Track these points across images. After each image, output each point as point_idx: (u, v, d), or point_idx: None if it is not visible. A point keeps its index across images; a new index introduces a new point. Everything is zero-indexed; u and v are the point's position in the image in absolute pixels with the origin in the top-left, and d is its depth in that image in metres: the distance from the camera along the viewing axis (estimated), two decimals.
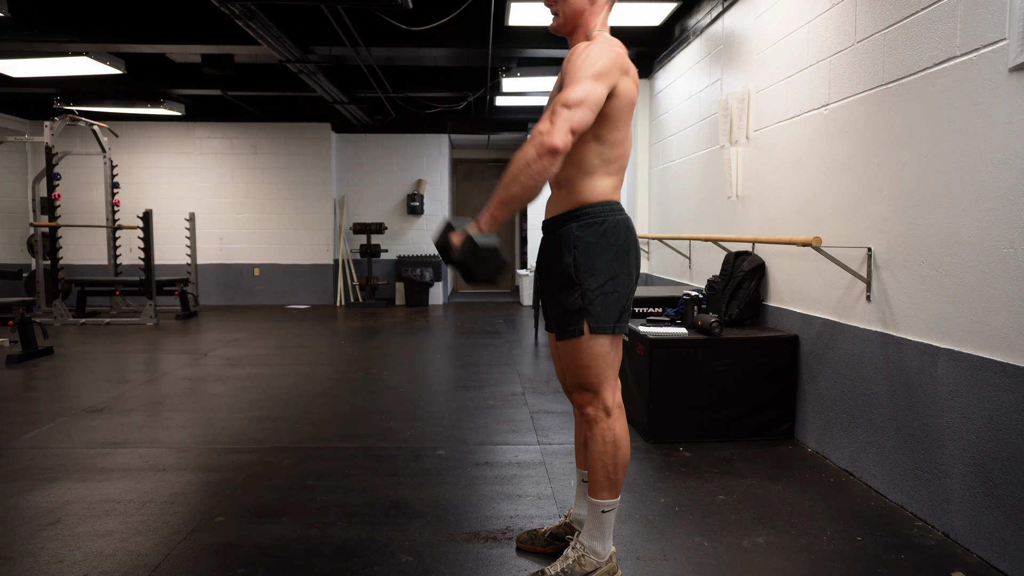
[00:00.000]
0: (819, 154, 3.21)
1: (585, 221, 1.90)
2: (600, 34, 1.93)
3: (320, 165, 9.68)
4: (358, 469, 3.01)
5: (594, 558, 1.98)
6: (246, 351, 5.99)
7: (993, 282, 2.14)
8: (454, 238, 1.80)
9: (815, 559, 2.20)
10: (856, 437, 2.90)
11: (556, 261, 1.93)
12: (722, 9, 4.44)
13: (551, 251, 1.97)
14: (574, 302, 1.90)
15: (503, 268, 1.79)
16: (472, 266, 1.76)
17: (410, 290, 9.77)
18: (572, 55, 1.83)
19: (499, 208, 1.76)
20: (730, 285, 3.89)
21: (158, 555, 2.21)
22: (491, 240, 1.76)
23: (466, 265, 1.76)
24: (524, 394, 4.39)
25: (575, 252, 1.89)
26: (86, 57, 5.98)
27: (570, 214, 1.92)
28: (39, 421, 3.75)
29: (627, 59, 1.88)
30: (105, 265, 8.95)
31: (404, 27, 5.38)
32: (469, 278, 1.79)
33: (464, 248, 1.76)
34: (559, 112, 1.71)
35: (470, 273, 1.78)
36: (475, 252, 1.75)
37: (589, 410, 1.96)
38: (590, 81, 1.76)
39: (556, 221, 1.96)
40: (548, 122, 1.71)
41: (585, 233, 1.89)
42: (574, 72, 1.78)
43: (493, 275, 1.78)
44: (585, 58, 1.79)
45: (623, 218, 1.94)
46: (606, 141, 1.88)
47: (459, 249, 1.76)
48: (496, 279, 1.81)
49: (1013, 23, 2.03)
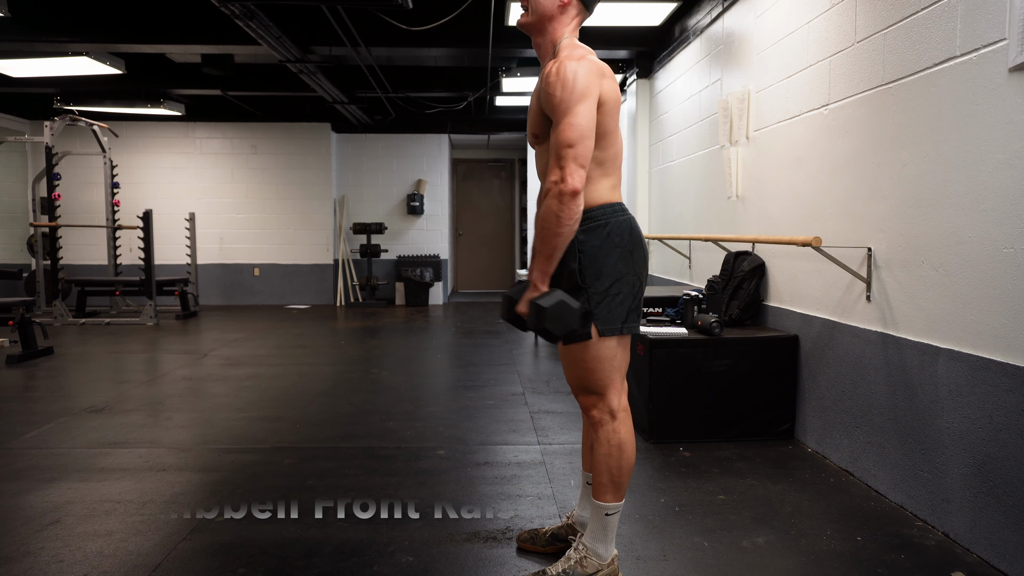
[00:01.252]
0: (819, 154, 3.21)
1: (588, 226, 1.90)
2: (569, 42, 1.93)
3: (320, 165, 9.67)
4: (358, 469, 3.01)
5: (596, 560, 1.98)
6: (246, 351, 5.99)
7: (993, 282, 2.14)
8: (521, 308, 1.89)
9: (815, 559, 2.20)
10: (856, 437, 2.90)
11: (562, 266, 1.93)
12: (722, 9, 4.44)
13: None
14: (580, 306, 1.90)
15: (576, 315, 1.83)
16: (552, 329, 1.82)
17: (410, 290, 9.77)
18: (547, 82, 1.84)
19: (546, 263, 1.85)
20: (730, 285, 3.89)
21: (158, 555, 2.21)
22: (553, 297, 1.82)
23: (546, 331, 1.82)
24: (524, 394, 4.40)
25: (580, 257, 1.90)
26: (86, 57, 5.98)
27: None
28: (39, 421, 3.75)
29: (599, 62, 1.88)
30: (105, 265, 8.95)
31: (404, 27, 5.37)
32: (553, 340, 1.86)
33: (535, 316, 1.82)
34: (564, 155, 1.77)
35: (552, 335, 1.84)
36: (544, 315, 1.80)
37: (594, 413, 1.97)
38: (579, 108, 1.79)
39: None
40: (557, 170, 1.78)
41: (589, 237, 1.90)
42: (559, 105, 1.80)
43: (573, 326, 1.84)
44: (563, 86, 1.80)
45: (626, 218, 1.94)
46: (597, 145, 1.88)
47: (531, 318, 1.83)
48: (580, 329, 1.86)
49: (1013, 23, 2.03)
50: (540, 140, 1.96)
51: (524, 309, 1.87)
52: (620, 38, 5.99)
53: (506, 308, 1.99)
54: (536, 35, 1.99)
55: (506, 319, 1.99)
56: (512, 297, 1.97)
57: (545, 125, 1.91)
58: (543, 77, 1.88)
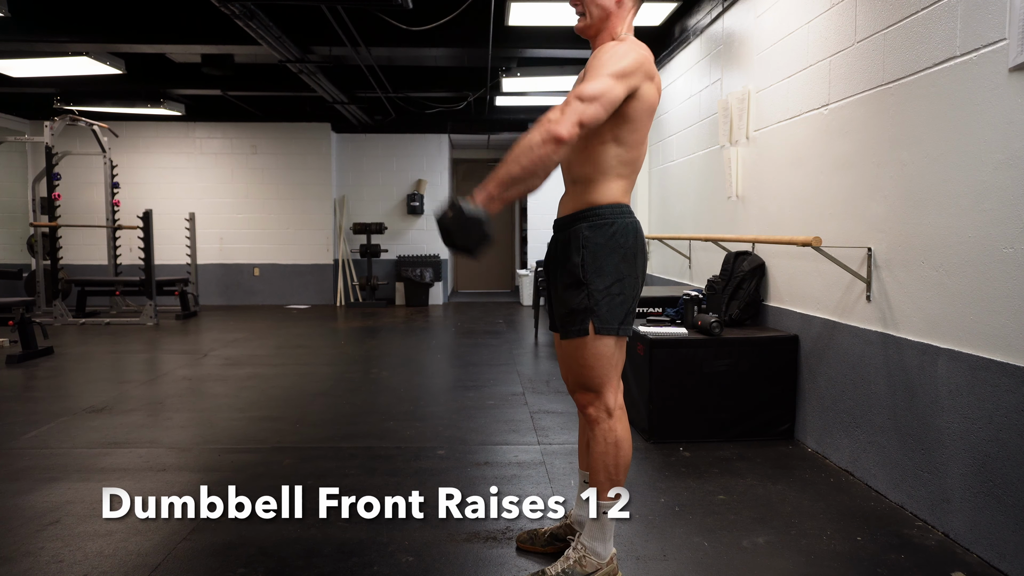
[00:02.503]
0: (819, 154, 3.21)
1: (595, 222, 1.90)
2: (627, 37, 1.92)
3: (320, 165, 9.67)
4: (358, 469, 3.01)
5: (595, 559, 1.98)
6: (246, 351, 5.99)
7: (993, 282, 2.14)
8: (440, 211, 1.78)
9: (815, 559, 2.20)
10: (856, 437, 2.90)
11: (565, 260, 1.94)
12: (722, 9, 4.44)
13: (560, 249, 1.98)
14: (580, 302, 1.90)
15: (485, 240, 1.75)
16: (455, 233, 1.74)
17: (410, 290, 9.77)
18: (599, 51, 1.83)
19: (496, 187, 1.72)
20: (730, 285, 3.89)
21: (158, 555, 2.21)
22: (479, 212, 1.73)
23: (449, 231, 1.74)
24: (524, 394, 4.40)
25: (584, 252, 1.90)
26: (86, 57, 5.97)
27: (581, 214, 1.93)
28: (39, 421, 3.75)
29: (653, 65, 1.87)
30: (105, 265, 8.94)
31: (404, 27, 5.37)
32: (451, 244, 1.77)
33: (451, 215, 1.73)
34: (571, 103, 1.71)
35: (452, 239, 1.75)
36: (460, 220, 1.72)
37: (591, 411, 1.97)
38: (610, 79, 1.75)
39: (567, 220, 1.97)
40: (559, 111, 1.70)
41: (594, 234, 1.90)
42: (597, 68, 1.78)
43: (474, 245, 1.76)
44: (611, 56, 1.79)
45: (632, 221, 1.95)
46: (625, 143, 1.88)
47: (447, 216, 1.74)
48: (476, 250, 1.77)
49: (1013, 23, 2.03)
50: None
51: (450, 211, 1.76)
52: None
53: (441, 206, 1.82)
54: (595, 37, 1.95)
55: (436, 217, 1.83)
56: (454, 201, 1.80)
57: None
58: (597, 50, 1.85)
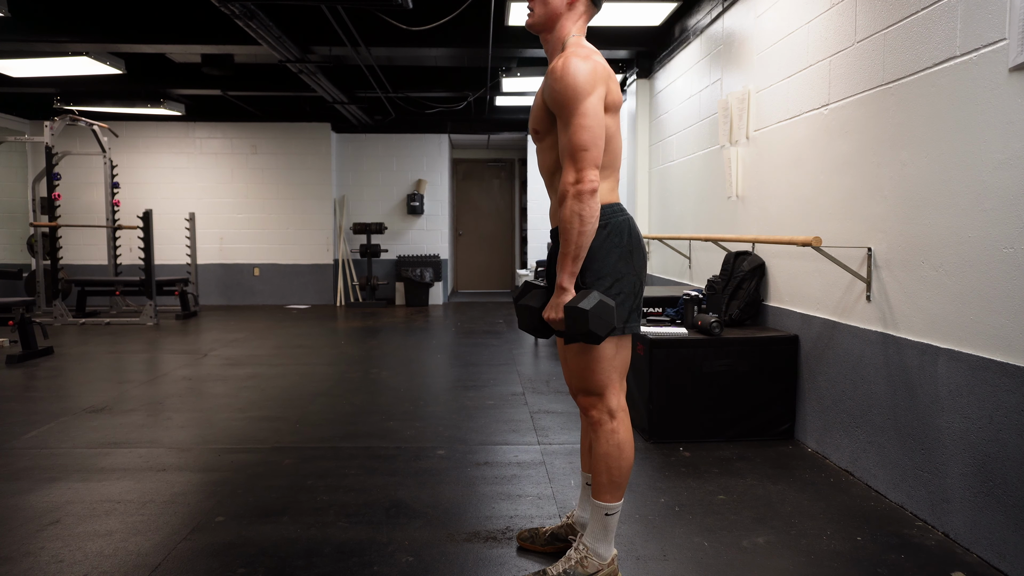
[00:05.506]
0: (819, 154, 3.21)
1: None
2: (576, 40, 1.94)
3: (320, 165, 9.67)
4: (358, 469, 3.01)
5: (596, 560, 1.98)
6: (246, 351, 5.99)
7: (993, 282, 2.14)
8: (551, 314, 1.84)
9: (815, 559, 2.20)
10: (856, 437, 2.90)
11: None
12: (722, 9, 4.44)
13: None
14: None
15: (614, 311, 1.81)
16: (596, 330, 1.77)
17: (410, 290, 9.77)
18: (553, 77, 1.84)
19: (574, 264, 1.83)
20: (730, 285, 3.89)
21: (158, 555, 2.21)
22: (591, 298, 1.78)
23: (590, 333, 1.78)
24: (524, 394, 4.39)
25: None
26: (86, 57, 5.98)
27: None
28: (39, 421, 3.75)
29: (605, 64, 1.89)
30: (105, 265, 8.95)
31: (404, 27, 5.38)
32: (598, 341, 1.81)
33: (576, 320, 1.77)
34: (580, 158, 1.79)
35: (597, 337, 1.80)
36: (587, 318, 1.76)
37: (593, 413, 1.97)
38: (585, 107, 1.79)
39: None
40: (574, 172, 1.79)
41: None
42: (566, 103, 1.81)
43: (614, 323, 1.82)
44: (571, 85, 1.80)
45: (625, 219, 1.95)
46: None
47: (572, 323, 1.78)
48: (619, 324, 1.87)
49: (1013, 23, 2.03)
50: (542, 137, 1.96)
51: (555, 315, 1.83)
52: (620, 38, 5.99)
53: (527, 317, 1.92)
54: (545, 32, 1.99)
55: (528, 329, 1.92)
56: (531, 306, 1.91)
57: (548, 121, 1.91)
58: (549, 72, 1.88)
